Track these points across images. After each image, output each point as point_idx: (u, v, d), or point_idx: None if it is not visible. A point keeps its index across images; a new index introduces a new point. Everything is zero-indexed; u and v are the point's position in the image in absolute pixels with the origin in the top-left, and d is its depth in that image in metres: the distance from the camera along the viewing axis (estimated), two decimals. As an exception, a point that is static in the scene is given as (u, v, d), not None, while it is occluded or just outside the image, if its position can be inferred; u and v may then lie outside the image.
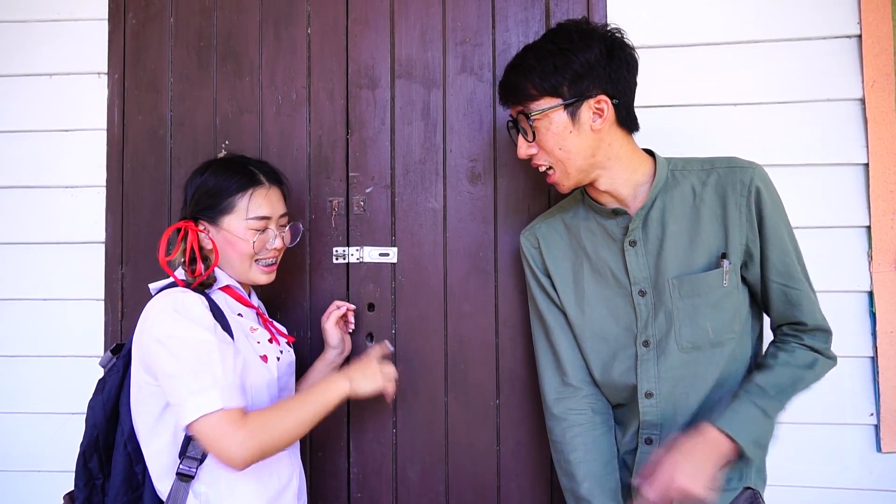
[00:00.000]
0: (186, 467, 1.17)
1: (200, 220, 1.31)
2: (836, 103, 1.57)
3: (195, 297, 1.20)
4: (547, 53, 1.20)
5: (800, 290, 1.21)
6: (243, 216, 1.28)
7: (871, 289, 1.53)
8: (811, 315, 1.21)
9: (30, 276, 1.73)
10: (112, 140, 1.71)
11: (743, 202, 1.21)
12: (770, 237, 1.21)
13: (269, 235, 1.32)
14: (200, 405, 1.09)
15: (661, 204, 1.25)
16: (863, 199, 1.55)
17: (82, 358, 1.71)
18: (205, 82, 1.69)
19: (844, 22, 1.56)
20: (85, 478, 1.23)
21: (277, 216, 1.34)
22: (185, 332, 1.13)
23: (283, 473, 1.29)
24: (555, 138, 1.21)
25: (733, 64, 1.59)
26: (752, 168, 1.23)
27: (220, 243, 1.30)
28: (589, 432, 1.31)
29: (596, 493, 1.27)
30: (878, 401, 1.52)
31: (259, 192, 1.31)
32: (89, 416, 1.24)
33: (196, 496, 1.19)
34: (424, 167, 1.64)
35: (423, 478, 1.62)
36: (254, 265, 1.32)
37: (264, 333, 1.33)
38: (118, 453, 1.22)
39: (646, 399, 1.25)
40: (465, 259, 1.61)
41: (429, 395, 1.62)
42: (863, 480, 1.53)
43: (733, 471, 1.21)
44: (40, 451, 1.72)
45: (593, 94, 1.19)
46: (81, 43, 1.74)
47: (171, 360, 1.11)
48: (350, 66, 1.66)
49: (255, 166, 1.34)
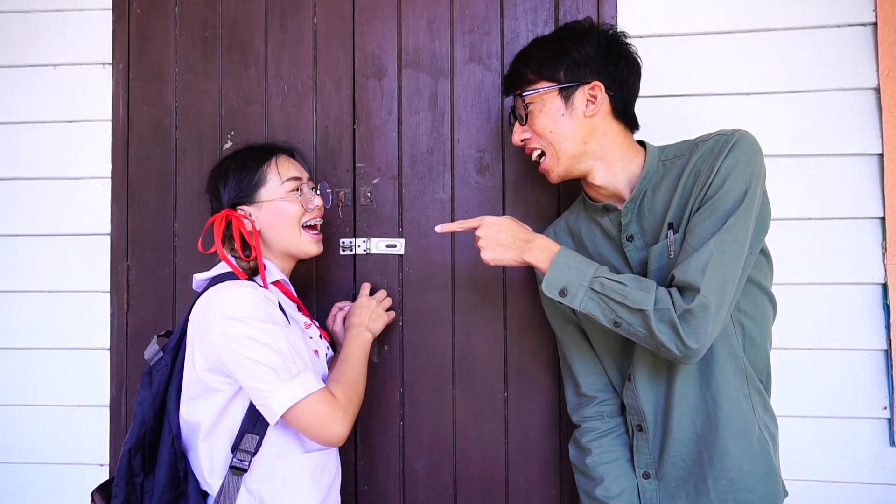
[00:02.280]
0: (239, 460, 1.17)
1: (240, 206, 1.32)
2: (850, 92, 1.54)
3: (262, 290, 1.21)
4: (549, 43, 1.25)
5: (693, 246, 1.09)
6: (278, 180, 1.32)
7: (886, 281, 1.51)
8: (683, 270, 1.08)
9: (35, 268, 1.73)
10: (117, 131, 1.69)
11: (706, 167, 1.13)
12: (711, 194, 1.11)
13: (308, 193, 1.36)
14: (295, 392, 1.13)
15: (653, 195, 1.22)
16: (877, 189, 1.52)
17: (88, 350, 1.70)
18: (210, 72, 1.68)
19: (859, 9, 1.53)
20: (127, 476, 1.21)
21: (306, 178, 1.38)
22: (262, 326, 1.14)
23: (332, 469, 1.29)
24: (547, 120, 1.22)
25: (746, 53, 1.57)
26: (732, 133, 1.14)
27: (266, 218, 1.31)
28: (604, 436, 1.33)
29: (612, 493, 1.27)
30: (892, 394, 1.50)
31: (282, 157, 1.36)
32: (137, 412, 1.22)
33: (249, 493, 1.19)
34: (432, 158, 1.62)
35: (431, 471, 1.61)
36: (303, 233, 1.34)
37: (315, 329, 1.36)
38: (164, 450, 1.21)
39: (627, 381, 1.28)
40: (472, 251, 1.60)
41: (436, 388, 1.61)
42: (876, 474, 1.51)
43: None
44: (47, 443, 1.72)
45: (588, 80, 1.21)
46: (86, 33, 1.72)
47: (255, 354, 1.13)
48: (357, 56, 1.64)
49: (266, 143, 1.41)
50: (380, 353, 1.61)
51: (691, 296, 1.06)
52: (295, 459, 1.22)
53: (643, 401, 1.25)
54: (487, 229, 1.23)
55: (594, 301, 1.12)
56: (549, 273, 1.16)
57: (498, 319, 1.60)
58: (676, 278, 1.09)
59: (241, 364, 1.13)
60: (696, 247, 1.09)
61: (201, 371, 1.18)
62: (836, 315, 1.53)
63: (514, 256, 1.21)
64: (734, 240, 1.08)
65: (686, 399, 1.20)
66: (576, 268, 1.14)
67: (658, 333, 1.08)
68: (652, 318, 1.08)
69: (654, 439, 1.25)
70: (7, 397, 1.73)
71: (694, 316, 1.06)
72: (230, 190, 1.32)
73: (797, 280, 1.53)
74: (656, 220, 1.21)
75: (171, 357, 1.24)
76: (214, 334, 1.14)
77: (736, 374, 1.18)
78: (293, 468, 1.21)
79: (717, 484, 1.17)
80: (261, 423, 1.18)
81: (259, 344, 1.13)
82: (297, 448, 1.23)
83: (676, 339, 1.07)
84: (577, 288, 1.13)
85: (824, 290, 1.54)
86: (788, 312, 1.50)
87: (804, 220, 1.54)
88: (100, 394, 1.69)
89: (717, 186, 1.10)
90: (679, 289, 1.09)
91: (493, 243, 1.23)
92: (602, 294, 1.11)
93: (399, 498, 1.61)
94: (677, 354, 1.09)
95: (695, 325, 1.07)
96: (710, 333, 1.08)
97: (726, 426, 1.16)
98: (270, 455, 1.20)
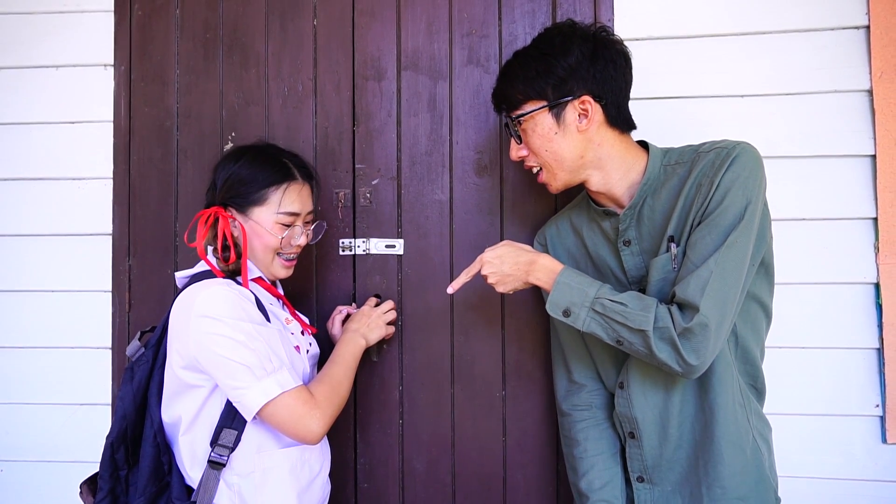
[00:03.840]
0: (217, 455, 1.18)
1: (229, 206, 1.30)
2: (843, 95, 1.56)
3: (238, 288, 1.20)
4: (530, 59, 1.21)
5: (694, 263, 1.10)
6: (274, 210, 1.28)
7: (878, 280, 1.53)
8: (683, 288, 1.09)
9: (37, 268, 1.74)
10: (119, 132, 1.71)
11: (707, 181, 1.13)
12: (712, 209, 1.11)
13: (295, 231, 1.32)
14: (269, 390, 1.13)
15: (652, 202, 1.22)
16: (870, 190, 1.54)
17: (90, 349, 1.72)
18: (211, 74, 1.69)
19: (853, 13, 1.55)
20: (111, 469, 1.23)
21: (306, 213, 1.34)
22: (237, 324, 1.14)
23: (315, 465, 1.30)
24: (541, 140, 1.22)
25: (741, 55, 1.59)
26: (733, 146, 1.14)
27: (249, 234, 1.29)
28: (591, 428, 1.34)
29: (595, 486, 1.29)
30: (884, 392, 1.52)
31: (293, 187, 1.31)
32: (118, 407, 1.24)
33: (228, 487, 1.20)
34: (431, 159, 1.64)
35: (430, 468, 1.62)
36: (276, 259, 1.32)
37: (296, 325, 1.36)
38: (147, 444, 1.22)
39: (619, 390, 1.27)
40: (471, 251, 1.62)
41: (435, 387, 1.62)
42: (868, 471, 1.54)
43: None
44: (50, 441, 1.73)
45: (577, 94, 1.18)
46: (88, 35, 1.74)
47: (230, 352, 1.13)
48: (356, 58, 1.66)
49: (288, 159, 1.34)
50: (379, 352, 1.63)
51: (690, 314, 1.08)
52: (273, 454, 1.22)
53: (637, 409, 1.25)
54: (490, 265, 1.27)
55: (596, 321, 1.16)
56: (552, 294, 1.20)
57: (496, 319, 1.61)
58: (677, 296, 1.11)
59: (216, 362, 1.14)
60: (697, 263, 1.10)
61: (178, 368, 1.19)
62: (829, 314, 1.55)
63: (521, 282, 1.27)
64: (735, 257, 1.09)
65: (683, 408, 1.22)
66: (577, 289, 1.18)
67: (658, 352, 1.10)
68: (651, 337, 1.10)
69: (648, 446, 1.25)
70: (9, 396, 1.75)
71: (694, 334, 1.08)
72: (228, 189, 1.29)
73: (791, 280, 1.55)
74: (654, 227, 1.22)
75: (153, 353, 1.25)
76: (190, 333, 1.15)
77: (731, 384, 1.19)
78: (272, 463, 1.22)
79: (710, 491, 1.19)
80: (239, 419, 1.19)
81: (234, 342, 1.13)
82: (273, 444, 1.23)
83: (677, 357, 1.10)
84: (579, 308, 1.17)
85: (818, 290, 1.56)
86: (783, 312, 1.51)
87: (798, 220, 1.56)
88: (101, 392, 1.71)
89: (718, 201, 1.11)
90: (679, 306, 1.11)
91: (501, 276, 1.27)
92: (603, 315, 1.15)
93: (398, 495, 1.63)
94: (679, 371, 1.11)
95: (695, 342, 1.08)
96: (712, 350, 1.10)
97: (721, 435, 1.18)
98: (250, 450, 1.21)
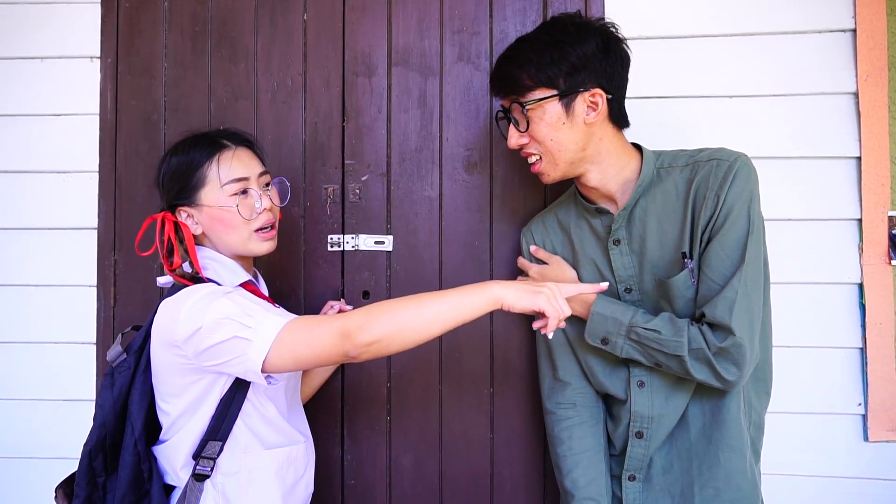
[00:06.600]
0: (202, 468, 1.16)
1: (180, 207, 1.24)
2: (829, 97, 1.58)
3: (220, 289, 1.16)
4: (544, 45, 1.19)
5: (720, 285, 1.14)
6: (218, 184, 1.21)
7: (862, 281, 1.55)
8: (712, 310, 1.13)
9: (21, 262, 1.72)
10: (105, 125, 1.69)
11: (712, 195, 1.16)
12: (720, 225, 1.15)
13: (252, 197, 1.23)
14: (265, 336, 1.06)
15: (645, 203, 1.23)
16: (854, 192, 1.56)
17: (75, 344, 1.70)
18: (199, 68, 1.68)
19: (839, 16, 1.57)
20: (88, 476, 1.19)
21: (256, 175, 1.25)
22: (212, 308, 1.09)
23: (300, 467, 1.28)
24: (548, 129, 1.21)
25: (728, 56, 1.60)
26: (734, 159, 1.17)
27: (208, 223, 1.22)
28: (576, 426, 1.34)
29: (580, 484, 1.29)
30: (867, 391, 1.54)
31: (226, 154, 1.23)
32: (97, 414, 1.19)
33: (214, 487, 1.18)
34: (420, 155, 1.63)
35: (417, 465, 1.62)
36: (252, 235, 1.24)
37: None
38: (127, 453, 1.18)
39: (637, 388, 1.26)
40: (460, 247, 1.62)
41: (423, 384, 1.62)
42: (850, 469, 1.56)
43: None
44: (32, 437, 1.71)
45: (589, 87, 1.18)
46: (74, 26, 1.71)
47: (218, 338, 1.08)
48: (346, 54, 1.65)
49: (215, 134, 1.28)
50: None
51: (723, 335, 1.13)
52: (260, 455, 1.20)
53: (657, 409, 1.24)
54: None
55: (633, 347, 1.21)
56: (588, 325, 1.25)
57: (485, 316, 1.61)
58: (707, 316, 1.15)
59: (211, 353, 1.09)
60: (719, 283, 1.14)
61: (167, 375, 1.16)
62: (814, 314, 1.57)
63: None
64: (753, 273, 1.14)
65: (696, 411, 1.23)
66: (612, 319, 1.22)
67: (695, 373, 1.15)
68: (687, 360, 1.15)
69: (654, 446, 1.26)
70: (-9, 391, 1.73)
71: (730, 353, 1.13)
72: (169, 190, 1.24)
73: (776, 279, 1.56)
74: (644, 230, 1.23)
75: (135, 359, 1.20)
76: (181, 344, 1.11)
77: (740, 391, 1.22)
78: (259, 464, 1.19)
79: (702, 491, 1.21)
80: (224, 430, 1.16)
81: (216, 325, 1.08)
82: (258, 445, 1.20)
83: (714, 375, 1.14)
84: (616, 337, 1.22)
85: (803, 290, 1.58)
86: (768, 311, 1.53)
87: (784, 220, 1.58)
88: (85, 388, 1.69)
89: (725, 217, 1.14)
90: (710, 325, 1.15)
91: None
92: (639, 342, 1.20)
93: (385, 492, 1.63)
94: (719, 386, 1.16)
95: (731, 360, 1.13)
96: (749, 364, 1.14)
97: (720, 439, 1.20)
98: (237, 450, 1.18)
